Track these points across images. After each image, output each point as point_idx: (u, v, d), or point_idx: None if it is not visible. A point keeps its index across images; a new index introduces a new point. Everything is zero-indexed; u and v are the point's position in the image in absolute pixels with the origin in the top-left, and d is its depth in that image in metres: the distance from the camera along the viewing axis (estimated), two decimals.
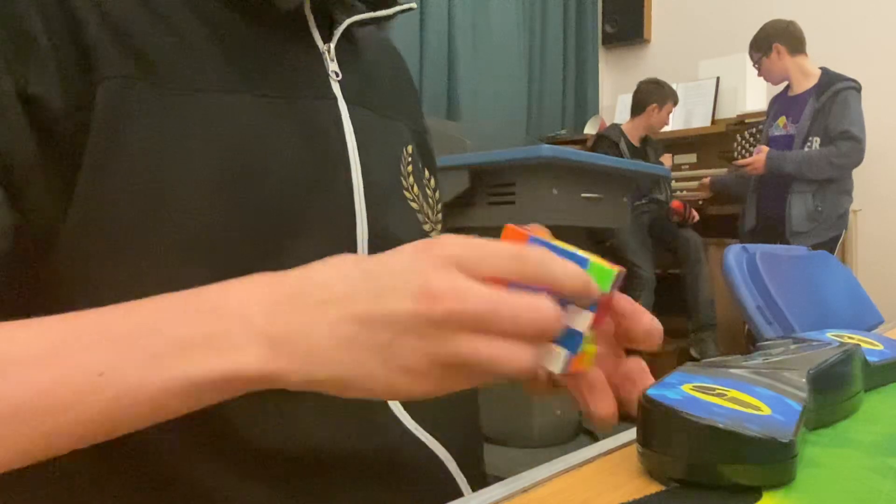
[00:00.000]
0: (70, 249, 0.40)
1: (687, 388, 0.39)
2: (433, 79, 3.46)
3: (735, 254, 1.45)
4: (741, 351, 0.60)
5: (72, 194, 0.40)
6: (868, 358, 0.55)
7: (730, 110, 3.86)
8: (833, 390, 0.48)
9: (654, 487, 0.36)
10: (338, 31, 0.55)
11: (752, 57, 3.09)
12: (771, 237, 2.84)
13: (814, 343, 0.54)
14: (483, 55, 3.71)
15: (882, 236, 3.52)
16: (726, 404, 0.38)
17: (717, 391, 0.40)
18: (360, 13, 0.57)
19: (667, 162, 3.71)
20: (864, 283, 1.73)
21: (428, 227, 0.60)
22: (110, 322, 0.33)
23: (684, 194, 3.64)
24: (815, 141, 2.87)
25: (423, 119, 0.69)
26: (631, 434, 0.42)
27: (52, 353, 0.31)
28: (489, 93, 3.72)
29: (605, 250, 3.16)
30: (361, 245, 0.51)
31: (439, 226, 0.62)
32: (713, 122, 3.89)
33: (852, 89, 2.85)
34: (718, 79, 3.95)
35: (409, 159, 0.60)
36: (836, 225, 2.90)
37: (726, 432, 0.35)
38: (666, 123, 3.49)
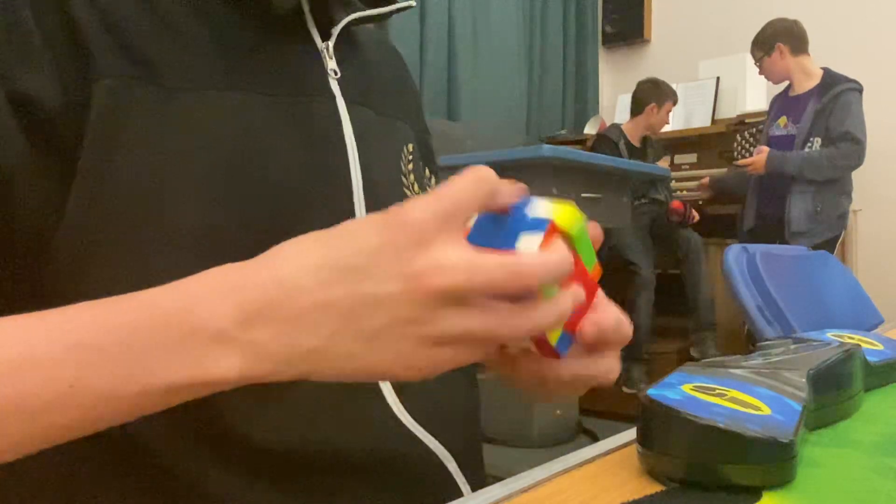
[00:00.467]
0: (67, 249, 0.40)
1: (687, 388, 0.40)
2: (433, 79, 3.46)
3: (735, 254, 1.45)
4: (741, 351, 0.60)
5: (68, 194, 0.40)
6: (868, 358, 0.55)
7: (730, 110, 3.86)
8: (833, 390, 0.48)
9: (654, 487, 0.36)
10: (336, 30, 0.55)
11: (754, 55, 3.08)
12: (770, 237, 2.84)
13: (814, 343, 0.54)
14: (483, 55, 3.70)
15: (882, 236, 3.52)
16: (726, 404, 0.38)
17: (717, 391, 0.40)
18: (358, 11, 0.57)
19: (663, 165, 3.70)
20: (864, 283, 1.73)
21: None
22: (80, 330, 0.31)
23: (684, 194, 3.64)
24: (817, 141, 2.87)
25: (424, 120, 0.69)
26: (631, 434, 0.42)
27: (20, 364, 0.30)
28: (489, 93, 3.71)
29: (604, 250, 3.15)
30: None
31: None
32: (713, 122, 3.88)
33: (854, 90, 2.84)
34: (718, 79, 3.95)
35: (410, 157, 0.60)
36: (835, 225, 2.90)
37: (726, 432, 0.35)
38: (666, 123, 3.48)
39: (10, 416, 0.30)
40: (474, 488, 0.52)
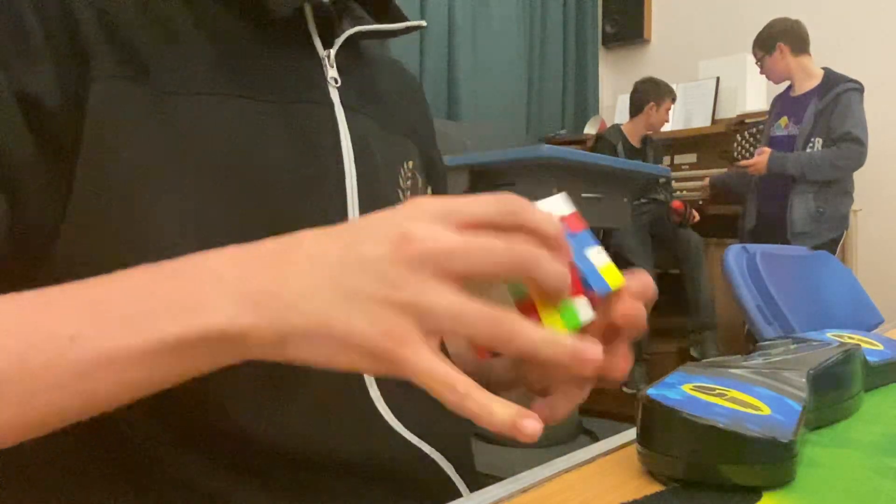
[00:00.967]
0: (70, 247, 0.40)
1: (687, 388, 0.40)
2: (433, 79, 3.46)
3: (735, 254, 1.45)
4: (741, 351, 0.60)
5: (70, 193, 0.40)
6: (868, 358, 0.55)
7: (730, 110, 3.86)
8: (833, 390, 0.48)
9: (654, 487, 0.36)
10: (339, 39, 0.54)
11: (756, 55, 3.08)
12: (771, 237, 2.83)
13: (814, 343, 0.54)
14: (483, 55, 3.70)
15: (882, 236, 3.52)
16: (726, 404, 0.38)
17: (717, 391, 0.40)
18: (366, 25, 0.56)
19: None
20: (864, 284, 1.74)
21: None
22: (82, 289, 0.33)
23: (684, 194, 3.64)
24: (818, 142, 2.86)
25: (435, 140, 0.68)
26: (631, 434, 0.42)
27: (22, 321, 0.31)
28: (489, 93, 3.71)
29: (604, 249, 3.16)
30: None
31: None
32: (713, 122, 3.88)
33: (855, 90, 2.84)
34: (718, 79, 3.95)
35: (409, 174, 0.60)
36: (836, 226, 2.89)
37: (726, 432, 0.35)
38: (666, 121, 3.48)
39: (14, 376, 0.30)
40: (471, 488, 0.52)
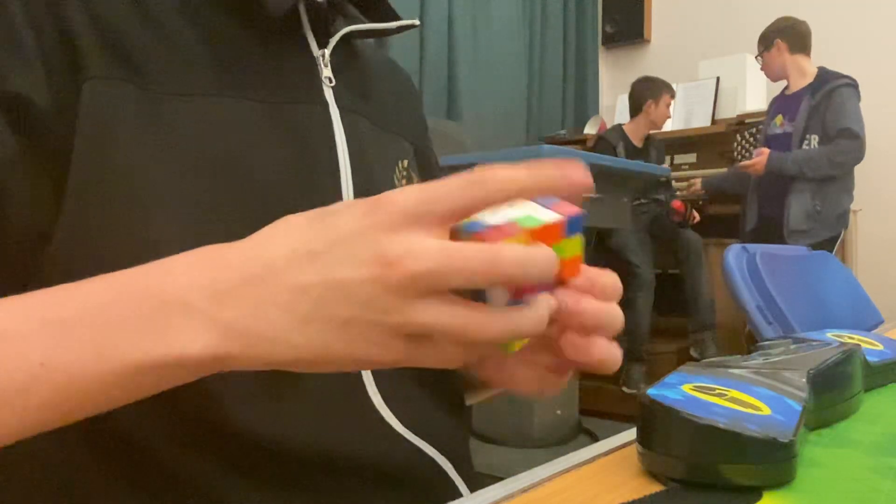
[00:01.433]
0: (62, 251, 0.40)
1: (687, 388, 0.40)
2: (433, 79, 3.46)
3: (735, 254, 1.45)
4: (741, 351, 0.60)
5: (64, 195, 0.40)
6: (868, 358, 0.55)
7: (730, 110, 3.86)
8: (833, 390, 0.48)
9: (654, 487, 0.36)
10: (334, 39, 0.54)
11: (758, 50, 3.11)
12: (772, 237, 2.83)
13: (814, 343, 0.54)
14: (483, 55, 3.70)
15: (882, 236, 3.52)
16: (726, 404, 0.38)
17: (717, 391, 0.40)
18: (360, 24, 0.56)
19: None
20: (864, 283, 1.74)
21: None
22: (50, 308, 0.31)
23: (685, 194, 3.64)
24: (814, 139, 2.87)
25: (428, 138, 0.68)
26: (631, 434, 0.42)
27: None
28: (489, 93, 3.71)
29: (604, 250, 3.16)
30: None
31: None
32: (713, 122, 3.88)
33: (848, 86, 2.84)
34: (718, 79, 3.95)
35: (404, 174, 0.60)
36: (834, 225, 2.89)
37: (726, 432, 0.35)
38: (667, 116, 3.48)
39: None
40: (471, 488, 0.52)
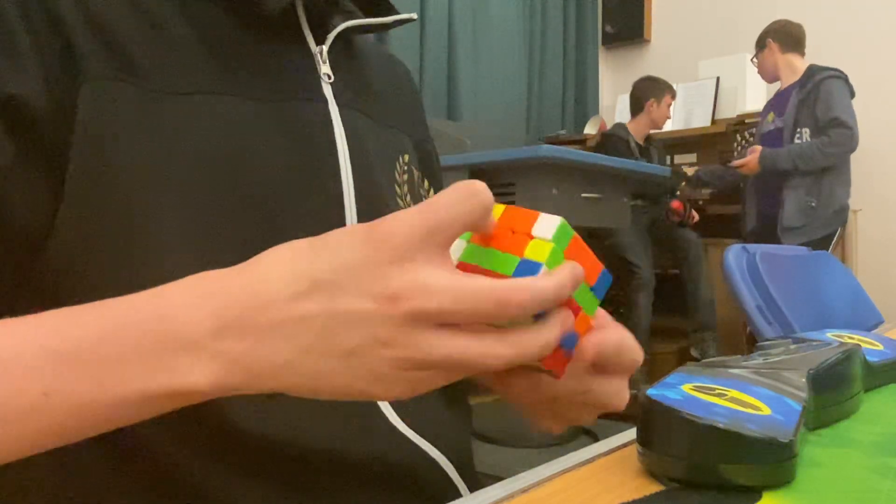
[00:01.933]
0: (61, 250, 0.40)
1: (687, 388, 0.40)
2: (433, 79, 3.46)
3: (735, 254, 1.45)
4: (741, 351, 0.60)
5: (61, 195, 0.40)
6: (868, 358, 0.55)
7: (730, 110, 3.86)
8: (833, 390, 0.48)
9: (654, 487, 0.36)
10: (331, 35, 0.54)
11: (755, 51, 3.12)
12: (772, 238, 2.84)
13: (814, 343, 0.54)
14: (483, 55, 3.70)
15: (882, 236, 3.52)
16: (726, 404, 0.38)
17: (717, 391, 0.40)
18: (357, 19, 0.56)
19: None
20: (864, 284, 1.73)
21: None
22: (51, 338, 0.31)
23: (684, 190, 3.64)
24: (805, 132, 2.87)
25: (428, 131, 0.68)
26: (631, 434, 0.42)
27: None
28: (489, 93, 3.71)
29: (604, 250, 3.16)
30: None
31: None
32: (713, 122, 3.88)
33: (835, 78, 2.85)
34: (718, 79, 3.95)
35: (405, 168, 0.60)
36: (830, 222, 2.87)
37: (726, 432, 0.35)
38: (667, 116, 3.49)
39: None
40: (471, 489, 0.52)
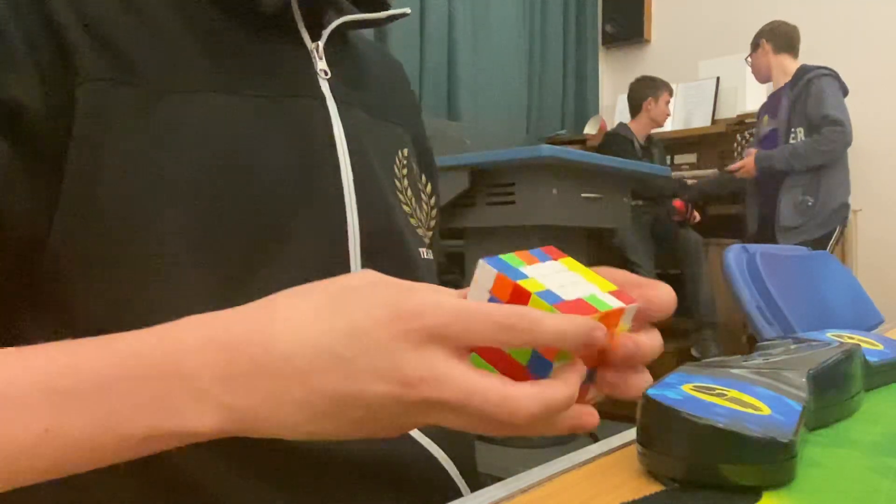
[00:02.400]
0: (58, 255, 0.40)
1: (687, 388, 0.40)
2: (433, 79, 3.46)
3: (735, 254, 1.45)
4: (741, 351, 0.60)
5: (58, 200, 0.40)
6: (868, 358, 0.55)
7: (730, 110, 3.86)
8: (833, 390, 0.48)
9: (654, 487, 0.36)
10: (327, 31, 0.54)
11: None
12: (773, 239, 2.84)
13: (814, 343, 0.54)
14: (483, 55, 3.70)
15: (882, 236, 3.52)
16: (726, 404, 0.38)
17: (717, 391, 0.40)
18: (352, 15, 0.56)
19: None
20: (864, 284, 1.73)
21: (421, 231, 0.60)
22: (55, 378, 0.31)
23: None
24: (800, 132, 2.88)
25: (423, 127, 0.68)
26: (631, 434, 0.42)
27: None
28: (489, 93, 3.71)
29: (604, 250, 3.16)
30: (353, 245, 0.50)
31: (430, 232, 0.62)
32: (713, 122, 3.89)
33: (825, 76, 2.86)
34: (718, 79, 3.95)
35: (405, 162, 0.60)
36: (828, 220, 2.87)
37: (726, 432, 0.35)
38: (667, 114, 3.48)
39: None
40: (472, 489, 0.52)
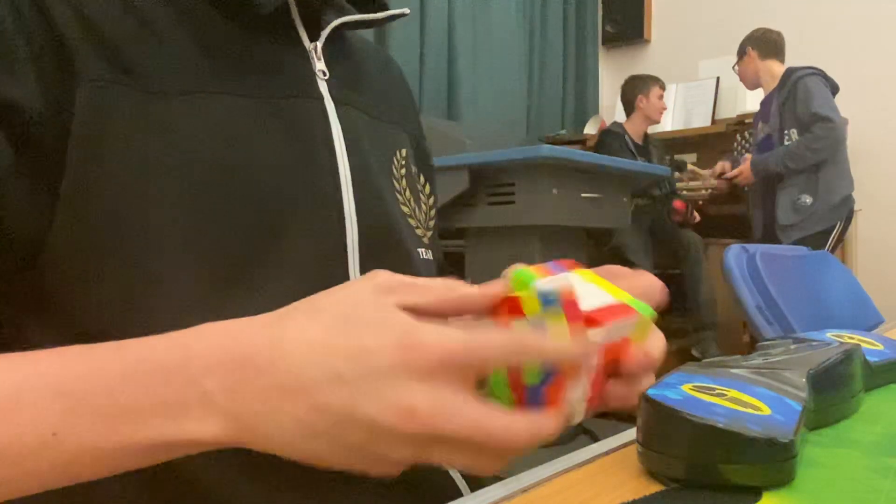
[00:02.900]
0: (59, 255, 0.40)
1: (687, 388, 0.40)
2: (433, 79, 3.45)
3: (735, 254, 1.45)
4: (741, 351, 0.60)
5: (58, 199, 0.40)
6: (868, 358, 0.55)
7: (730, 110, 3.86)
8: (833, 390, 0.48)
9: (654, 487, 0.36)
10: (325, 31, 0.54)
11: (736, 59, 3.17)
12: (777, 241, 2.85)
13: (814, 343, 0.54)
14: (483, 55, 3.70)
15: (882, 236, 3.52)
16: (726, 404, 0.38)
17: (717, 391, 0.40)
18: (350, 15, 0.56)
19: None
20: (864, 284, 1.73)
21: (419, 231, 0.60)
22: (64, 377, 0.31)
23: (685, 194, 3.64)
24: (793, 133, 2.88)
25: (422, 126, 0.69)
26: (631, 434, 0.42)
27: (4, 407, 0.30)
28: (489, 93, 3.71)
29: (604, 250, 3.16)
30: (351, 246, 0.51)
31: (430, 233, 0.62)
32: (713, 122, 3.89)
33: (811, 75, 2.86)
34: (718, 79, 3.95)
35: (403, 162, 0.60)
36: (829, 216, 2.87)
37: (726, 432, 0.35)
38: (662, 108, 3.47)
39: None
40: (472, 489, 0.52)
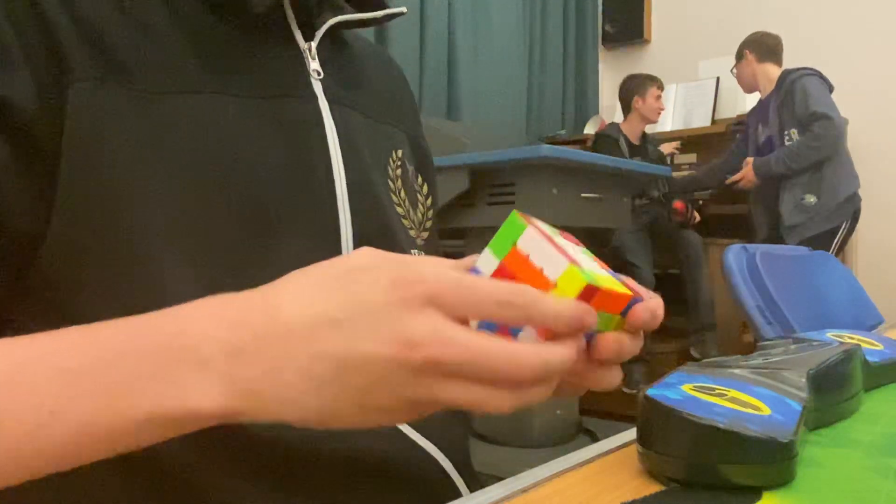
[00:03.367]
0: (56, 252, 0.40)
1: (687, 388, 0.40)
2: (433, 79, 3.45)
3: (735, 254, 1.45)
4: (741, 351, 0.60)
5: (54, 198, 0.40)
6: (868, 358, 0.55)
7: (730, 110, 3.86)
8: (833, 390, 0.48)
9: (654, 487, 0.36)
10: (320, 31, 0.54)
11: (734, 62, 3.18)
12: (781, 241, 2.85)
13: (814, 343, 0.54)
14: (483, 55, 3.70)
15: (882, 237, 3.52)
16: (726, 404, 0.38)
17: (717, 391, 0.40)
18: (346, 14, 0.56)
19: (667, 149, 3.71)
20: (864, 284, 1.73)
21: (413, 232, 0.60)
22: (62, 354, 0.31)
23: (685, 195, 3.64)
24: (793, 133, 2.89)
25: (421, 127, 0.69)
26: (631, 434, 0.42)
27: (1, 386, 0.30)
28: (489, 93, 3.71)
29: (604, 250, 3.16)
30: (345, 245, 0.51)
31: (425, 233, 0.62)
32: (713, 122, 3.88)
33: (807, 75, 2.87)
34: (718, 79, 3.95)
35: (399, 163, 0.60)
36: (835, 215, 2.87)
37: (726, 432, 0.35)
38: (660, 108, 3.46)
39: None
40: (471, 488, 0.52)
